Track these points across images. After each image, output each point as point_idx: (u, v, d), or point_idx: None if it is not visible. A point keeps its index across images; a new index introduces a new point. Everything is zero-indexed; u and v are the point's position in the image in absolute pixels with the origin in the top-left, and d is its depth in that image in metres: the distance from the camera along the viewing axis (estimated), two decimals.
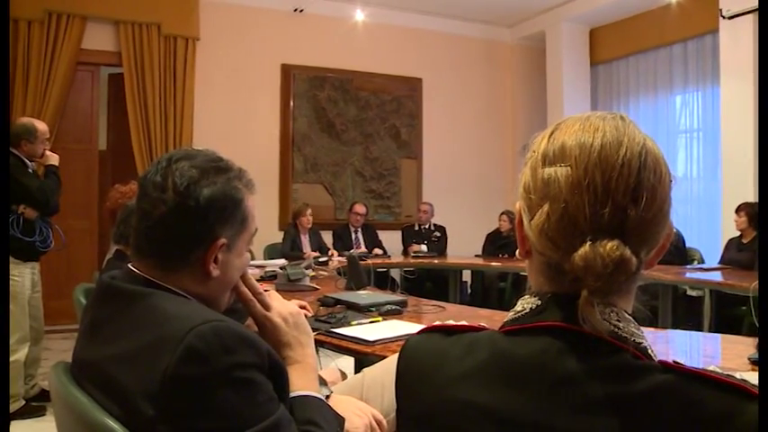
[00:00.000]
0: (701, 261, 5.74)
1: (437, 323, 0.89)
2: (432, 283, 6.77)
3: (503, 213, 6.92)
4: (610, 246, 0.68)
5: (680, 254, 5.46)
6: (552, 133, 0.77)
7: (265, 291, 1.20)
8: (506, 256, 6.53)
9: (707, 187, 6.56)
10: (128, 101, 6.15)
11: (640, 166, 0.71)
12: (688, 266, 5.21)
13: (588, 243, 0.69)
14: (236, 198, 1.06)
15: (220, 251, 1.04)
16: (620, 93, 7.54)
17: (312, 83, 7.19)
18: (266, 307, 1.17)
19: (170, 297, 1.00)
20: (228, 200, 1.05)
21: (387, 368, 1.44)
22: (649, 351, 0.73)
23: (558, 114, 7.15)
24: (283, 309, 1.18)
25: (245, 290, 1.15)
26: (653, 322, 4.64)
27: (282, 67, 7.06)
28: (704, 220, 6.53)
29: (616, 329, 0.71)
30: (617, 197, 0.70)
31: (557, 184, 0.73)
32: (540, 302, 0.76)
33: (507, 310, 0.81)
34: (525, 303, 0.78)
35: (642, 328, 0.75)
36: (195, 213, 1.01)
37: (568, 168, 0.73)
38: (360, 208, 6.94)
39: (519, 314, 0.78)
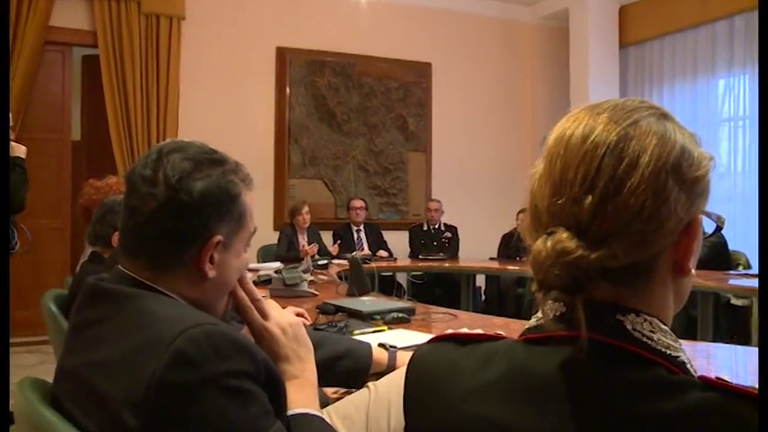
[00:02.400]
0: (748, 266, 5.63)
1: (449, 332, 0.89)
2: (442, 288, 6.80)
3: (520, 212, 6.88)
4: (557, 237, 0.70)
5: (722, 258, 5.38)
6: (552, 131, 0.81)
7: (262, 297, 1.21)
8: (525, 258, 6.50)
9: (754, 182, 6.34)
10: (104, 86, 6.12)
11: (605, 153, 0.72)
12: (732, 272, 5.13)
13: (543, 236, 0.72)
14: (232, 192, 1.07)
15: (216, 249, 1.06)
16: (654, 78, 7.47)
17: (310, 68, 7.20)
18: (264, 315, 1.18)
19: (162, 299, 1.02)
20: (224, 194, 1.06)
21: (394, 382, 1.43)
22: (688, 366, 0.73)
23: (582, 103, 7.05)
24: (282, 319, 1.19)
25: (243, 295, 1.17)
26: (691, 334, 4.61)
27: (278, 51, 7.07)
28: (751, 220, 6.26)
29: (649, 341, 0.71)
30: (573, 187, 0.73)
31: (532, 179, 0.78)
32: (564, 309, 0.76)
33: (526, 318, 0.83)
34: (548, 309, 0.77)
35: (680, 340, 0.75)
36: (189, 208, 1.03)
37: (541, 164, 0.77)
38: (356, 202, 6.98)
39: (541, 321, 0.78)
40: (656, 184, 0.72)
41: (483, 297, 7.19)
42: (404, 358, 1.52)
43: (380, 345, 2.09)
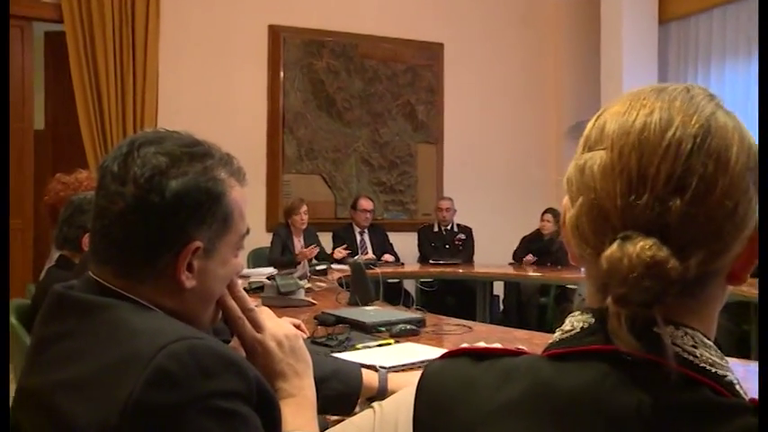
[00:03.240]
0: None
1: (464, 346, 0.90)
2: (455, 297, 6.81)
3: (546, 212, 6.91)
4: (642, 244, 0.69)
5: None
6: (601, 113, 0.80)
7: (255, 306, 1.22)
8: (549, 264, 6.50)
9: None
10: (72, 68, 6.09)
11: (692, 149, 0.72)
12: None
13: (618, 241, 0.70)
14: (214, 191, 1.06)
15: (195, 257, 1.05)
16: (699, 57, 7.34)
17: (307, 49, 7.21)
18: (258, 327, 1.18)
19: (139, 310, 1.01)
20: (203, 194, 1.05)
21: (402, 403, 1.43)
22: (737, 387, 0.72)
23: (614, 88, 7.08)
24: (278, 330, 1.19)
25: (233, 304, 1.16)
26: (743, 352, 4.57)
27: (270, 30, 7.08)
28: None
29: (691, 358, 0.71)
30: (656, 186, 0.72)
31: (590, 170, 0.76)
32: (593, 320, 0.76)
33: (549, 331, 0.83)
34: (576, 321, 0.78)
35: (728, 358, 0.75)
36: (160, 211, 1.02)
37: (604, 152, 0.75)
38: (366, 203, 6.97)
39: (567, 334, 0.78)
40: (743, 186, 0.73)
41: (501, 307, 7.19)
42: (397, 381, 1.53)
43: (365, 366, 2.08)
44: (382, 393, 1.48)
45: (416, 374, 1.50)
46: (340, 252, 6.43)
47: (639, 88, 0.81)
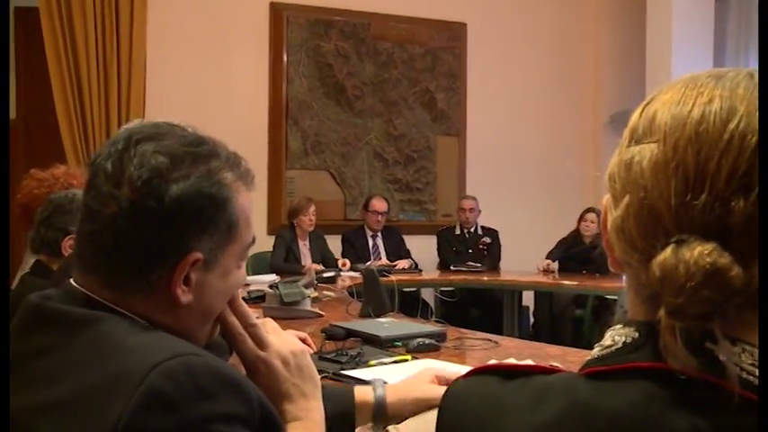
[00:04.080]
0: None
1: (492, 362, 0.90)
2: (479, 308, 6.83)
3: (587, 211, 6.84)
4: (700, 249, 0.69)
5: None
6: (650, 101, 0.80)
7: (258, 319, 1.22)
8: (586, 271, 6.47)
9: None
10: (47, 49, 6.07)
11: (758, 144, 0.72)
12: None
13: (672, 246, 0.71)
14: (218, 197, 1.06)
15: (193, 269, 1.05)
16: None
17: (313, 29, 7.23)
18: (261, 344, 1.19)
19: (129, 324, 1.01)
20: (206, 200, 1.05)
21: (422, 425, 1.44)
22: None
23: (662, 73, 7.00)
24: (283, 347, 1.20)
25: (234, 320, 1.17)
26: None
27: (272, 8, 7.11)
28: None
29: (751, 378, 0.71)
30: (716, 184, 0.71)
31: (639, 166, 0.76)
32: (637, 334, 0.76)
33: (586, 348, 0.84)
34: (617, 336, 0.78)
35: None
36: (157, 218, 1.02)
37: (655, 146, 0.76)
38: (379, 204, 6.97)
39: (608, 350, 0.78)
40: None
41: (531, 320, 7.18)
42: (399, 392, 1.49)
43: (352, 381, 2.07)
44: (382, 407, 1.46)
45: (424, 381, 1.50)
46: (344, 263, 6.43)
47: (694, 74, 0.80)
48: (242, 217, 1.09)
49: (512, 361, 1.01)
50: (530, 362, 0.91)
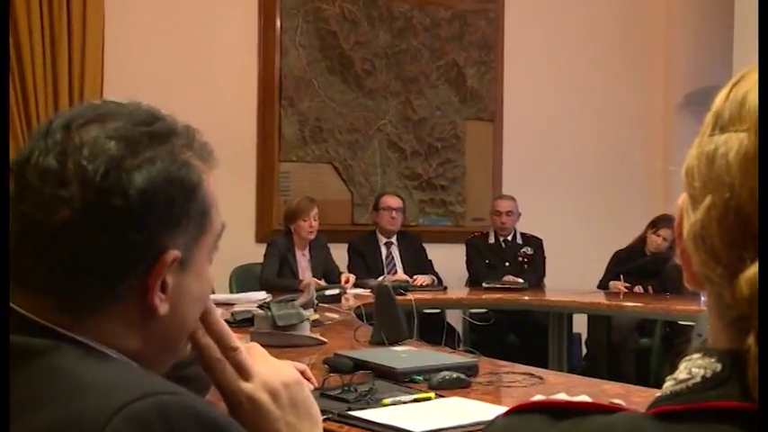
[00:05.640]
0: None
1: (537, 398, 0.92)
2: (519, 335, 6.87)
3: (662, 222, 6.69)
4: None
5: None
6: (739, 80, 0.80)
7: (241, 344, 1.21)
8: (653, 290, 6.43)
9: None
10: None
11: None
12: None
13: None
14: (188, 182, 1.07)
15: (170, 271, 1.05)
16: None
17: None
18: (244, 373, 1.17)
19: (85, 354, 1.00)
20: (176, 187, 1.05)
21: None
22: None
23: (753, 45, 6.94)
24: (273, 377, 1.19)
25: (209, 342, 1.16)
26: None
27: None
28: None
29: None
30: None
31: (724, 159, 0.75)
32: (720, 366, 0.76)
33: (654, 386, 0.82)
34: (695, 368, 0.78)
35: None
36: (123, 216, 1.01)
37: (744, 135, 0.75)
38: (392, 200, 7.00)
39: (683, 385, 0.78)
40: None
41: (584, 350, 7.20)
42: None
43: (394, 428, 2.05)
44: None
45: None
46: (347, 279, 6.39)
47: None
48: (213, 202, 1.11)
49: (562, 397, 1.01)
50: (585, 398, 0.91)
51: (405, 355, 3.01)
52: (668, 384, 0.79)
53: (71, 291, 1.03)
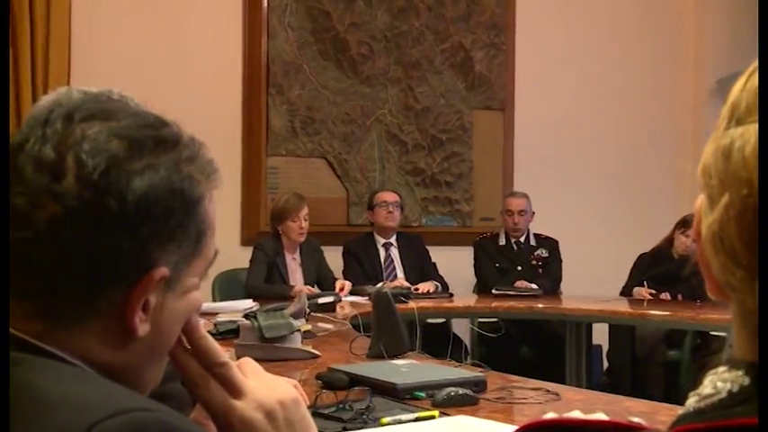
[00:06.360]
0: None
1: (550, 416, 0.96)
2: (532, 346, 6.93)
3: (690, 220, 6.71)
4: None
5: None
6: (756, 69, 0.81)
7: (228, 354, 1.23)
8: (682, 297, 6.43)
9: None
10: None
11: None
12: None
13: None
14: (189, 196, 1.08)
15: (155, 290, 1.06)
16: None
17: None
18: (234, 390, 1.17)
19: (56, 368, 1.01)
20: (177, 198, 1.07)
21: None
22: None
23: None
24: (268, 394, 1.19)
25: (189, 361, 1.17)
26: None
27: None
28: None
29: None
30: None
31: (741, 154, 0.76)
32: (747, 380, 0.77)
33: (681, 403, 0.85)
34: (720, 381, 0.79)
35: None
36: (116, 221, 1.02)
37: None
38: (388, 194, 7.06)
39: (708, 401, 0.79)
40: None
41: (605, 363, 7.23)
42: None
43: None
44: None
45: None
46: (342, 286, 6.39)
47: None
48: (210, 224, 1.12)
49: (577, 414, 1.01)
50: (602, 416, 0.90)
51: (406, 369, 3.01)
52: (692, 401, 0.80)
53: (47, 296, 1.03)
